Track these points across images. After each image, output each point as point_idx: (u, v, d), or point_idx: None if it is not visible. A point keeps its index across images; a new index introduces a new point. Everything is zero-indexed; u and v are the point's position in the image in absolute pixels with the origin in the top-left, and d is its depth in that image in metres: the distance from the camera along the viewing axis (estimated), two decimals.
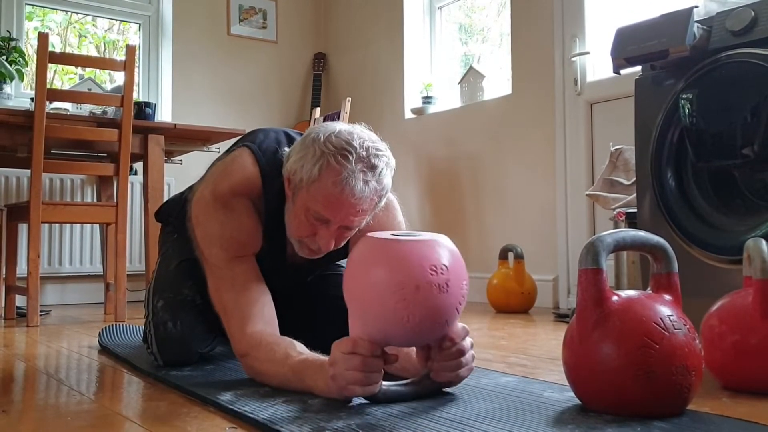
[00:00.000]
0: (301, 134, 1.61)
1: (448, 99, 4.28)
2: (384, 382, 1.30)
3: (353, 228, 1.49)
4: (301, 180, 1.43)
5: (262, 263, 1.58)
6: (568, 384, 1.29)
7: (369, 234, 1.33)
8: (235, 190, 1.55)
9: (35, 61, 2.94)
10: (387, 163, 1.45)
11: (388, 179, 1.46)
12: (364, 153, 1.41)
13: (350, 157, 1.39)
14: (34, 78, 2.94)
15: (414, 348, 1.43)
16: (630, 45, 2.06)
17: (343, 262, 1.99)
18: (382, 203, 1.50)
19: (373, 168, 1.41)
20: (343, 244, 1.55)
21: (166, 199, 2.95)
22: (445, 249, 1.30)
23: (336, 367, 1.26)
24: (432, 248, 1.28)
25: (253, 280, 1.54)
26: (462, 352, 1.35)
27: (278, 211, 1.57)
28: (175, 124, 3.38)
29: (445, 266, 1.26)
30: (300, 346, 1.42)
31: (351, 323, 1.30)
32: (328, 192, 1.40)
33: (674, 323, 1.19)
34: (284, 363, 1.39)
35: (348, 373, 1.24)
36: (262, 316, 1.50)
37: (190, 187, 1.77)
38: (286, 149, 1.55)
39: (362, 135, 1.44)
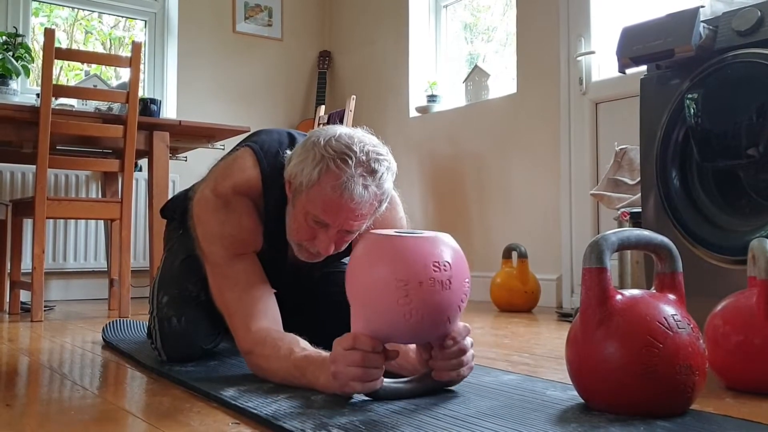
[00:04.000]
0: (305, 135, 1.61)
1: (452, 98, 4.28)
2: (385, 380, 1.30)
3: (353, 232, 1.48)
4: (301, 184, 1.43)
5: (264, 264, 1.58)
6: (571, 383, 1.29)
7: (372, 231, 1.34)
8: (236, 189, 1.56)
9: (41, 57, 2.95)
10: (388, 167, 1.44)
11: (388, 183, 1.45)
12: (364, 157, 1.40)
13: (350, 162, 1.38)
14: (40, 74, 2.95)
15: (413, 346, 1.43)
16: (635, 44, 2.05)
17: (346, 260, 1.99)
18: (383, 208, 1.49)
19: (373, 172, 1.40)
20: (343, 248, 1.55)
21: (170, 195, 2.96)
22: (447, 246, 1.30)
23: (337, 363, 1.26)
24: (435, 245, 1.28)
25: (255, 278, 1.54)
26: (463, 351, 1.35)
27: (279, 212, 1.57)
28: (180, 121, 3.39)
29: (448, 263, 1.26)
30: (303, 343, 1.42)
31: (353, 319, 1.30)
32: (328, 196, 1.39)
33: (678, 323, 1.19)
34: (287, 359, 1.39)
35: (348, 369, 1.24)
36: (266, 313, 1.50)
37: (194, 185, 1.77)
38: (288, 151, 1.54)
39: (363, 139, 1.43)
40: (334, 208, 1.40)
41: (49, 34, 2.91)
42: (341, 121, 3.57)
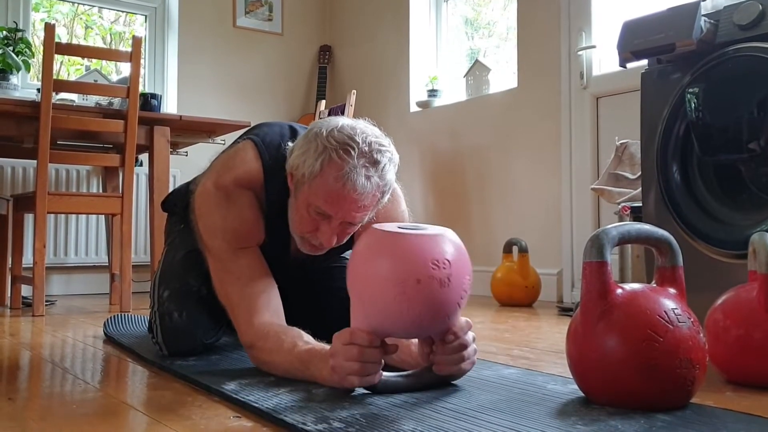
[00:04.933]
0: (306, 128, 1.61)
1: (453, 92, 4.28)
2: (385, 373, 1.30)
3: (355, 224, 1.48)
4: (303, 175, 1.43)
5: (266, 257, 1.58)
6: (571, 376, 1.29)
7: (374, 226, 1.33)
8: (237, 182, 1.56)
9: (42, 52, 2.95)
10: (390, 158, 1.44)
11: (391, 175, 1.45)
12: (366, 148, 1.40)
13: (352, 152, 1.38)
14: (41, 69, 2.94)
15: (415, 341, 1.43)
16: (636, 38, 2.05)
17: (347, 254, 1.99)
18: (385, 199, 1.49)
19: (375, 163, 1.41)
20: (345, 240, 1.54)
21: (171, 190, 2.96)
22: (449, 243, 1.29)
23: (335, 358, 1.26)
24: (436, 242, 1.27)
25: (258, 271, 1.54)
26: (464, 346, 1.35)
27: (281, 205, 1.57)
28: (181, 116, 3.39)
29: (448, 261, 1.26)
30: (307, 336, 1.42)
31: (352, 313, 1.30)
32: (330, 187, 1.39)
33: (678, 316, 1.19)
34: (290, 352, 1.39)
35: (346, 364, 1.25)
36: (269, 306, 1.50)
37: (195, 178, 1.77)
38: (290, 143, 1.54)
39: (365, 130, 1.43)
40: (336, 199, 1.40)
41: (49, 29, 2.90)
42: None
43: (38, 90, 3.02)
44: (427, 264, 1.24)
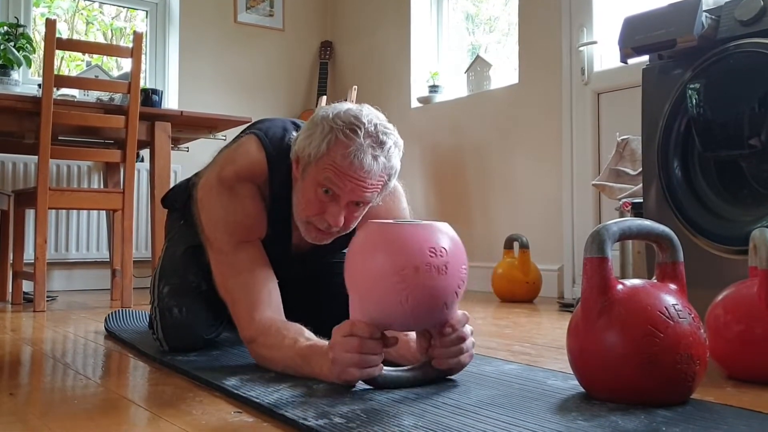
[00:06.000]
0: None
1: (454, 88, 4.27)
2: (385, 368, 1.30)
3: (363, 204, 1.48)
4: (309, 155, 1.43)
5: (268, 252, 1.58)
6: (572, 372, 1.29)
7: (370, 221, 1.34)
8: (240, 175, 1.56)
9: (42, 48, 2.95)
10: (395, 142, 1.46)
11: (396, 160, 1.46)
12: (372, 129, 1.42)
13: (359, 132, 1.40)
14: (42, 64, 2.94)
15: (413, 335, 1.43)
16: (637, 34, 2.05)
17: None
18: (392, 184, 1.50)
19: (381, 144, 1.42)
20: (352, 226, 1.53)
21: (172, 186, 2.96)
22: (444, 233, 1.31)
23: (335, 350, 1.26)
24: (431, 232, 1.29)
25: (259, 265, 1.54)
26: (462, 339, 1.35)
27: (284, 198, 1.57)
28: (182, 112, 3.39)
29: (445, 249, 1.27)
30: (308, 333, 1.42)
31: (351, 307, 1.30)
32: (337, 164, 1.40)
33: (679, 312, 1.19)
34: (291, 348, 1.39)
35: (346, 355, 1.24)
36: (270, 301, 1.50)
37: (197, 174, 1.77)
38: (294, 134, 1.55)
39: (370, 113, 1.46)
40: (343, 175, 1.41)
41: (50, 24, 2.90)
42: None
43: (39, 85, 3.02)
44: (424, 252, 1.25)
